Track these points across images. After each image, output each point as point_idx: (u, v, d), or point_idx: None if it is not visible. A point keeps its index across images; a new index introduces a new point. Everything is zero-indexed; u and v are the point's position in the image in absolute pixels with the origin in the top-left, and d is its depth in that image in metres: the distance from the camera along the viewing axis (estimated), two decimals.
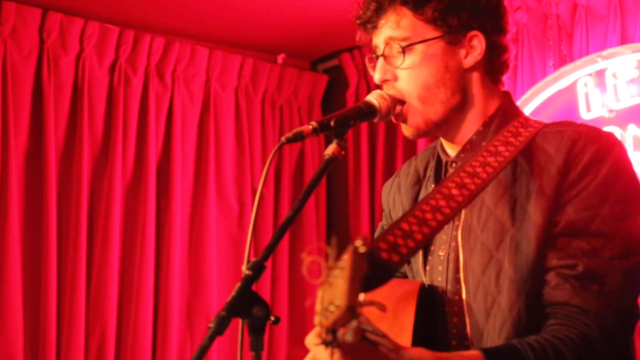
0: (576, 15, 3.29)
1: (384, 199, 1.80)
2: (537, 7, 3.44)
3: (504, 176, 1.46)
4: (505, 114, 1.56)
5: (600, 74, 3.10)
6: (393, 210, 1.75)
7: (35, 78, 3.59)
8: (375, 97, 1.52)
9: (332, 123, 1.42)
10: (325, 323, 1.02)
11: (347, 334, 1.02)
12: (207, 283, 3.90)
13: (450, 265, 1.51)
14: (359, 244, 1.03)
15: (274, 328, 4.06)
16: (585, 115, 3.13)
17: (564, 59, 3.30)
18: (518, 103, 3.17)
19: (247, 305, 1.22)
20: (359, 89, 4.21)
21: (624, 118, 3.05)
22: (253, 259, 1.25)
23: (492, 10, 1.57)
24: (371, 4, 1.56)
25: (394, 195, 1.75)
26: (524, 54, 3.44)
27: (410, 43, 1.51)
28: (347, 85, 4.28)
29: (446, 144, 1.62)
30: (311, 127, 1.41)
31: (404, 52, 1.51)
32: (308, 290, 4.11)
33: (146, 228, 3.74)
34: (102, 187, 3.69)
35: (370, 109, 1.50)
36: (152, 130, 3.84)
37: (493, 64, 1.57)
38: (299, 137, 1.40)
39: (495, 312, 1.41)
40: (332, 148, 1.41)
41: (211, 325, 1.19)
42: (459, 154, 1.57)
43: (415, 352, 1.20)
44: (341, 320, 1.00)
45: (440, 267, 1.54)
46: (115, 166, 3.70)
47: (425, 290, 1.52)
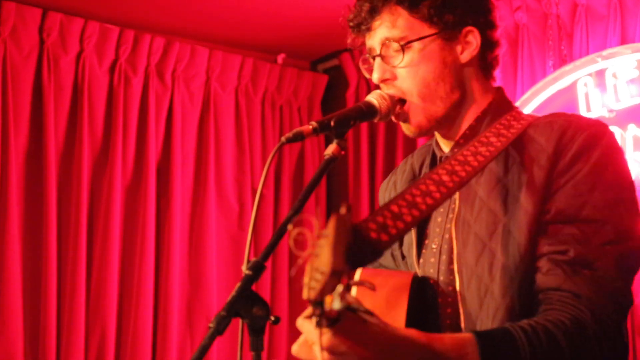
0: (576, 15, 3.29)
1: (381, 196, 1.80)
2: (537, 7, 3.44)
3: (496, 168, 1.46)
4: (498, 108, 1.57)
5: (600, 74, 3.10)
6: None
7: (35, 78, 3.59)
8: (375, 97, 1.53)
9: (332, 123, 1.43)
10: (312, 295, 0.99)
11: (335, 302, 1.00)
12: (207, 283, 3.90)
13: (444, 257, 1.51)
14: (342, 210, 1.02)
15: (274, 328, 4.06)
16: (585, 115, 3.13)
17: (564, 59, 3.30)
18: (518, 103, 3.17)
19: (247, 305, 1.22)
20: (359, 89, 4.21)
21: (624, 118, 3.05)
22: (253, 259, 1.25)
23: (484, 5, 1.59)
24: (364, 6, 1.56)
25: (390, 193, 1.76)
26: (524, 54, 3.43)
27: (408, 41, 1.52)
28: (347, 85, 4.28)
29: (441, 140, 1.63)
30: (311, 127, 1.41)
31: (403, 51, 1.52)
32: None
33: (146, 228, 3.74)
34: (102, 187, 3.69)
35: (370, 109, 1.51)
36: (152, 130, 3.84)
37: (486, 59, 1.59)
38: (299, 137, 1.40)
39: (489, 301, 1.41)
40: (332, 148, 1.42)
41: (211, 325, 1.19)
42: (452, 149, 1.58)
43: (407, 332, 1.20)
44: (327, 287, 0.98)
45: (432, 259, 1.54)
46: (115, 166, 3.70)
47: (419, 281, 1.52)
